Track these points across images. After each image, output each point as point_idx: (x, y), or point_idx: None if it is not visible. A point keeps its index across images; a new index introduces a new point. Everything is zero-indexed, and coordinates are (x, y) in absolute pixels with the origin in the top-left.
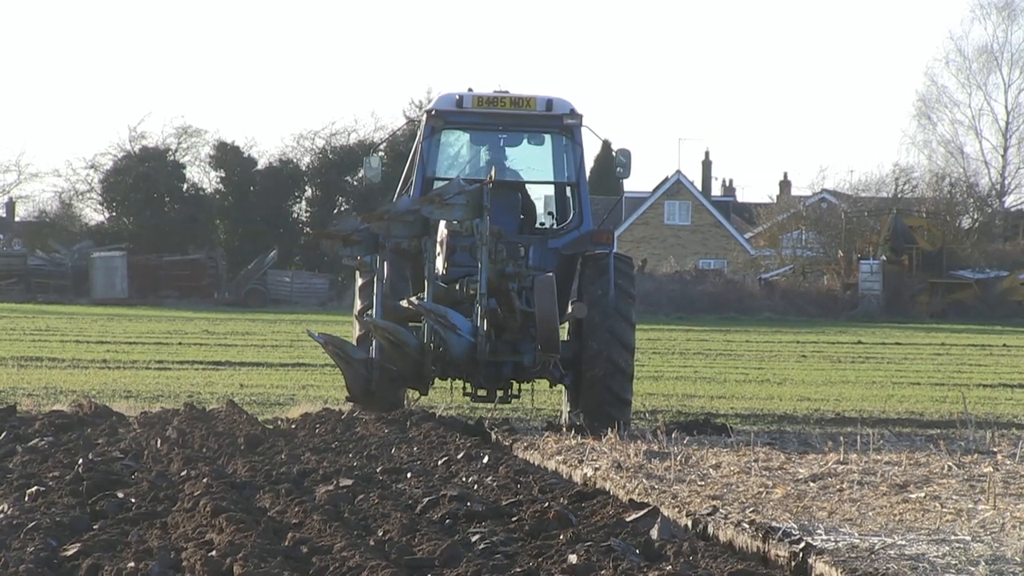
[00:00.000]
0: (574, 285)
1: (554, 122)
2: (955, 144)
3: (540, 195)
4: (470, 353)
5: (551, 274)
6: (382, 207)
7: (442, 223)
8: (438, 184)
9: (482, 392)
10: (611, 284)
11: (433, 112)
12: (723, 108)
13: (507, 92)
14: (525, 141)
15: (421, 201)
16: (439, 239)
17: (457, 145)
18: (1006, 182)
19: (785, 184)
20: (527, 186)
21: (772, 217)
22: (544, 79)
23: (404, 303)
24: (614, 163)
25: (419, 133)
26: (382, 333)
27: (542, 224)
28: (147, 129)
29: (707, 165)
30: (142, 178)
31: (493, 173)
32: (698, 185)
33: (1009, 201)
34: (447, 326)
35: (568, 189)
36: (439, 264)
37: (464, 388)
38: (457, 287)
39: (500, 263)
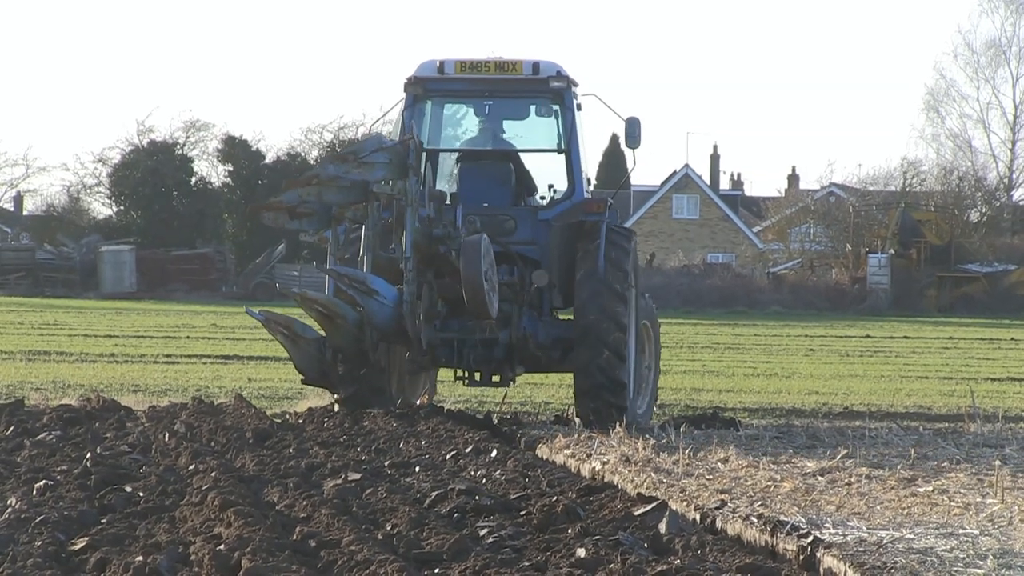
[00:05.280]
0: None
1: (541, 86)
2: (963, 138)
3: (543, 166)
4: (395, 321)
5: (482, 235)
6: (310, 171)
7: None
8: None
9: (477, 375)
10: (600, 256)
11: (413, 80)
12: (731, 102)
13: (501, 57)
14: (512, 107)
15: (334, 159)
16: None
17: (441, 114)
18: (1014, 176)
19: (793, 178)
20: (521, 155)
21: (780, 211)
22: None
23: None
24: (624, 134)
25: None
26: (311, 305)
27: (542, 197)
28: (155, 123)
29: (715, 159)
30: (150, 172)
31: (414, 131)
32: (706, 179)
33: (1017, 195)
34: (365, 291)
35: (563, 157)
36: (395, 234)
37: (455, 373)
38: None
39: (427, 225)
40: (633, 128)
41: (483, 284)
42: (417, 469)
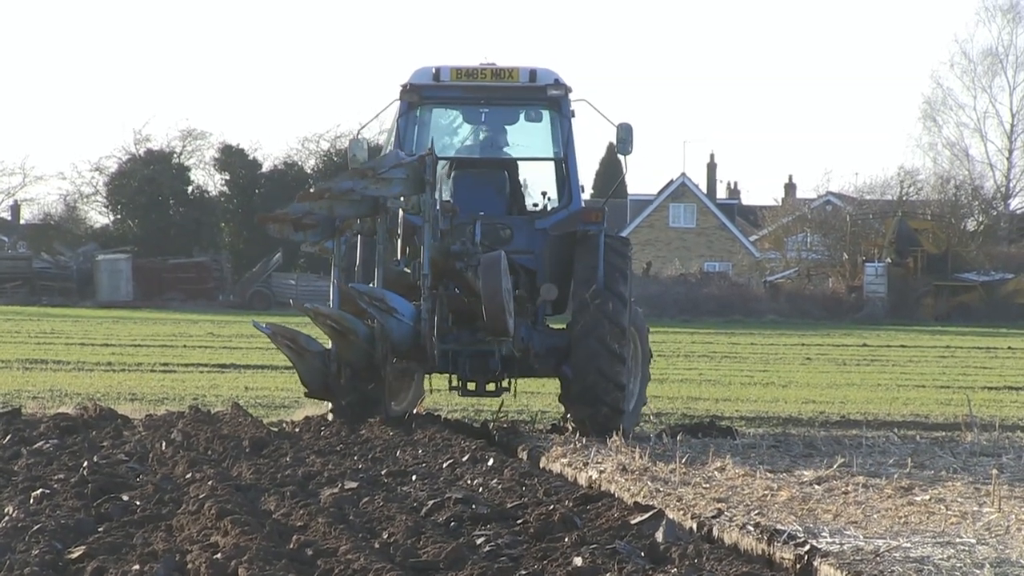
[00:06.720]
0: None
1: (538, 94)
2: (960, 147)
3: (537, 174)
4: (413, 339)
5: (500, 252)
6: (321, 184)
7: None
8: None
9: (471, 385)
10: (600, 262)
11: (408, 87)
12: (728, 110)
13: (493, 64)
14: (508, 115)
15: (352, 175)
16: (399, 222)
17: (435, 121)
18: (1011, 185)
19: (790, 187)
20: (518, 164)
21: (777, 220)
22: None
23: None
24: (616, 140)
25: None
26: (324, 320)
27: (536, 205)
28: (152, 132)
29: (712, 168)
30: (147, 181)
31: (432, 146)
32: (703, 188)
33: (1014, 204)
34: (385, 310)
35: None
36: (399, 248)
37: (450, 381)
38: (409, 270)
39: (445, 241)
40: (624, 134)
41: (504, 303)
42: (414, 478)
